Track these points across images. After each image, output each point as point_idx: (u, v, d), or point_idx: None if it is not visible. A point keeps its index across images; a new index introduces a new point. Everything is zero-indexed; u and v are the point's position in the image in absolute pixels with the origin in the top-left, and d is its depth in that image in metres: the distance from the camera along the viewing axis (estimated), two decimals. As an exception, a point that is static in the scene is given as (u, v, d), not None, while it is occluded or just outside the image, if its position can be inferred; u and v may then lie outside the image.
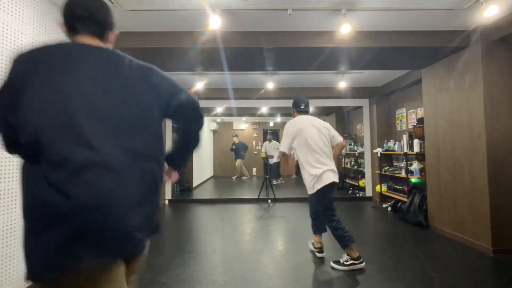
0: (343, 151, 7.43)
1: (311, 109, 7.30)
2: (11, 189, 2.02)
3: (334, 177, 2.68)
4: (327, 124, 2.89)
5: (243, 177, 10.17)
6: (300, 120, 2.81)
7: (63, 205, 0.77)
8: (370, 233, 3.89)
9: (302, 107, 2.89)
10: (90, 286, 0.84)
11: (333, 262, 2.65)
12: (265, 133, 11.25)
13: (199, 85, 4.87)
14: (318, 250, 2.90)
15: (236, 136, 9.88)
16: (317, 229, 2.94)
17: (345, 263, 2.58)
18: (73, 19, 0.94)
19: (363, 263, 2.58)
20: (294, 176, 9.96)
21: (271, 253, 3.01)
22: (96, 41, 0.96)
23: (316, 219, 2.91)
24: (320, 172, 2.63)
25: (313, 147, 2.68)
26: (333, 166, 2.73)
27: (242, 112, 7.98)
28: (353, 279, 2.40)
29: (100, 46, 0.95)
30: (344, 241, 2.59)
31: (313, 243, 3.00)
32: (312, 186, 2.67)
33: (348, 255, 2.60)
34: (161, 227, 1.03)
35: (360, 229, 4.03)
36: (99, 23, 0.97)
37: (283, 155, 2.81)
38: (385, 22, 2.97)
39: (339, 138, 2.86)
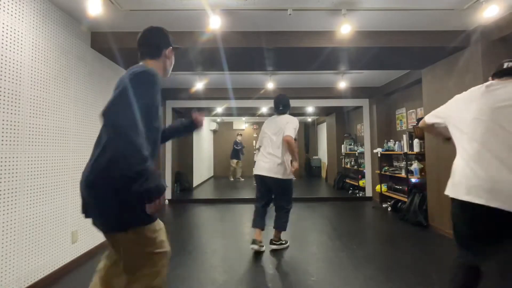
0: (344, 150, 7.43)
1: (310, 109, 7.34)
2: (11, 189, 2.02)
3: (261, 170, 3.06)
4: (289, 120, 3.08)
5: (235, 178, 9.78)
6: (271, 118, 3.39)
7: None
8: (370, 233, 3.89)
9: (279, 108, 3.30)
10: None
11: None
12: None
13: (199, 85, 4.87)
14: (252, 242, 3.02)
15: (241, 135, 9.84)
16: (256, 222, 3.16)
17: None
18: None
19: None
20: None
21: (271, 253, 3.01)
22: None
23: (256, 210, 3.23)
24: (257, 160, 3.17)
25: (262, 135, 3.25)
26: (271, 160, 3.02)
27: (242, 112, 7.97)
28: (353, 278, 2.40)
29: None
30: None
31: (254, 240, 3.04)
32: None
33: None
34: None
35: (360, 229, 4.03)
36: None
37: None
38: (385, 22, 2.97)
39: (286, 132, 2.95)
